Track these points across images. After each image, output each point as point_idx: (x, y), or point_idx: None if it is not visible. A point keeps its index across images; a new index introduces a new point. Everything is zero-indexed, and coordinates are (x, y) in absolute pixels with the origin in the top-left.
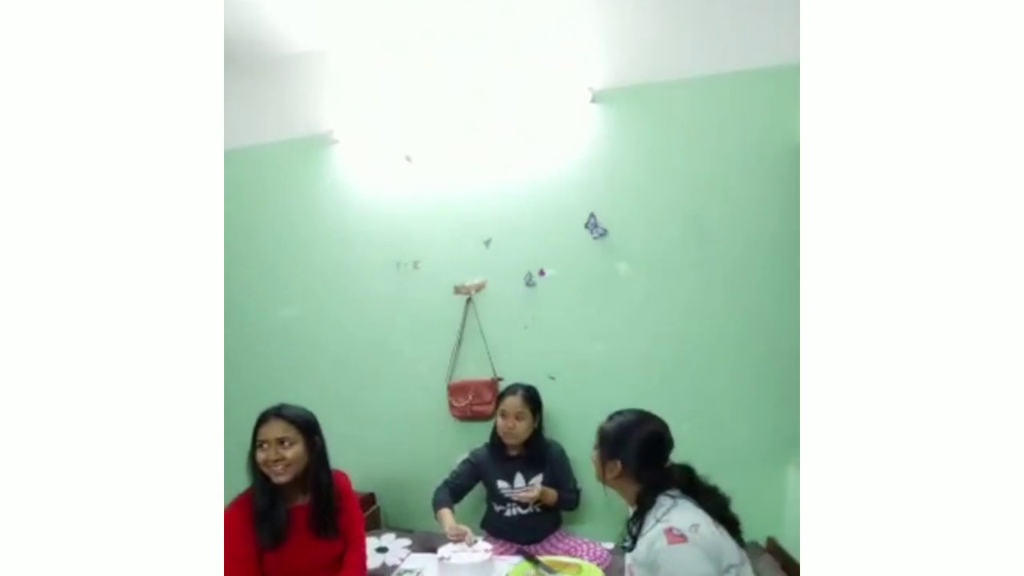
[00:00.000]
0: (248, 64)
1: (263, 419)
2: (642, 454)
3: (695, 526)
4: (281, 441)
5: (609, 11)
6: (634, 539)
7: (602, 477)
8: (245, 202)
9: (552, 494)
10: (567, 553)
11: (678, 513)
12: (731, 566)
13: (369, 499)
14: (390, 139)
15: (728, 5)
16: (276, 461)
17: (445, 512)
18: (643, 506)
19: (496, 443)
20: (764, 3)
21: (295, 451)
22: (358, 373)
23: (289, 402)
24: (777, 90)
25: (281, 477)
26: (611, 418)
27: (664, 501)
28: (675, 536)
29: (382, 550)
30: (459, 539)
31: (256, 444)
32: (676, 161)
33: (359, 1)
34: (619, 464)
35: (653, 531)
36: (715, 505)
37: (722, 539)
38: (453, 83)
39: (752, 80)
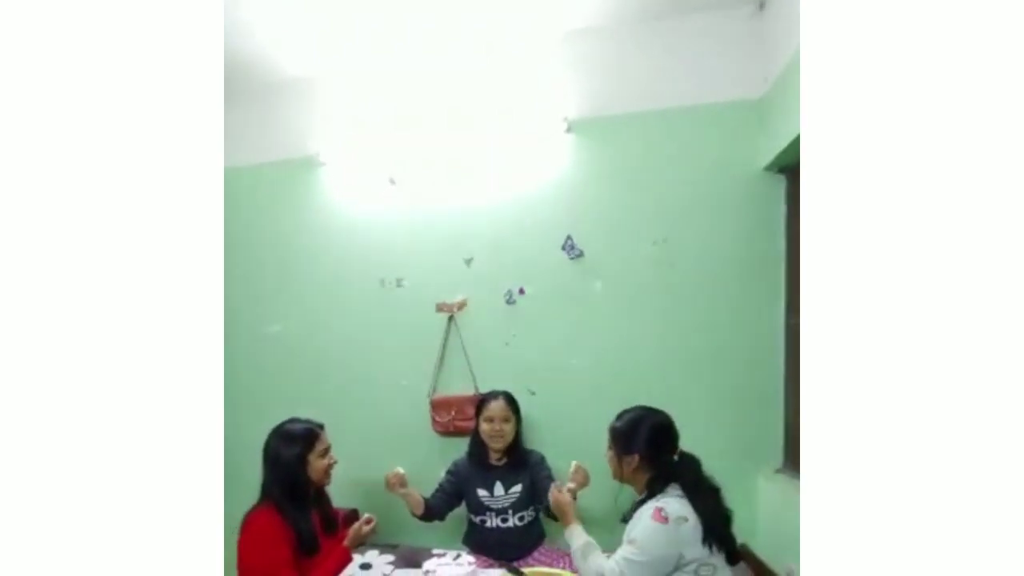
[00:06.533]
0: (238, 88)
1: (316, 434)
2: (654, 444)
3: (682, 518)
4: (327, 449)
5: (582, 49)
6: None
7: (619, 474)
8: (232, 221)
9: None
10: (550, 566)
11: (676, 503)
12: (694, 560)
13: (352, 515)
14: (375, 162)
15: (690, 45)
16: (333, 465)
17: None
18: (651, 492)
19: (477, 452)
20: (722, 45)
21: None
22: (341, 388)
23: (270, 416)
24: (736, 122)
25: (329, 479)
26: (619, 417)
27: (672, 491)
28: (660, 516)
29: (366, 567)
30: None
31: (306, 454)
32: (645, 187)
33: (347, 31)
34: (636, 457)
35: (646, 506)
36: (708, 509)
37: (695, 537)
38: (436, 110)
39: (714, 112)
